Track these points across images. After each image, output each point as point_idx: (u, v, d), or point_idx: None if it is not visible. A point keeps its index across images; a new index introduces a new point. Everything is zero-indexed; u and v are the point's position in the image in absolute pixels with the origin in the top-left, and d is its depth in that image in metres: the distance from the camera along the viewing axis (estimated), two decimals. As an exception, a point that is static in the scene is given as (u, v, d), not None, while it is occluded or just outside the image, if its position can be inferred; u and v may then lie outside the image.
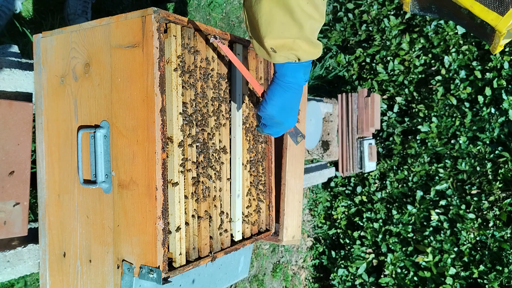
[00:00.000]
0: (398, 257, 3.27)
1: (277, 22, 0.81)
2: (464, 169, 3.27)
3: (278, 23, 0.81)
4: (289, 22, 0.81)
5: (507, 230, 2.99)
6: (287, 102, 0.94)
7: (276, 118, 0.97)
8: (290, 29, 0.82)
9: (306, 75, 0.93)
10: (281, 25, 0.82)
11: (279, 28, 0.82)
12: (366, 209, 3.59)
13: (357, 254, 3.47)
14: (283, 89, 0.93)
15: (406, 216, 3.34)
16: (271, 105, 0.94)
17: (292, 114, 0.98)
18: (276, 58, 0.87)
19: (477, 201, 3.16)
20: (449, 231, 3.19)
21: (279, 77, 0.92)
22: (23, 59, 1.28)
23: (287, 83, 0.92)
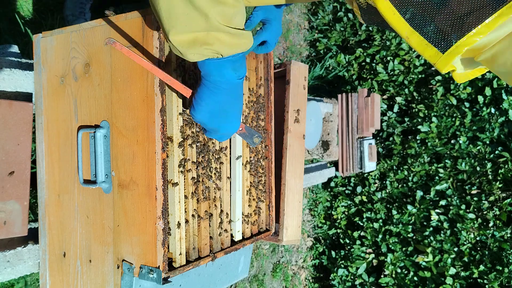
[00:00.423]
0: (398, 257, 3.27)
1: (178, 14, 0.69)
2: (464, 169, 3.27)
3: (180, 15, 0.69)
4: (192, 12, 0.68)
5: (507, 230, 2.99)
6: (217, 106, 0.81)
7: (208, 125, 0.84)
8: (195, 21, 0.69)
9: (240, 71, 0.79)
10: (183, 17, 0.69)
11: (182, 21, 0.69)
12: (366, 209, 3.59)
13: (357, 254, 3.47)
14: (211, 90, 0.79)
15: (406, 216, 3.34)
16: (199, 110, 0.81)
17: (228, 119, 0.84)
18: (189, 56, 0.74)
19: (477, 201, 3.16)
20: (449, 231, 3.19)
21: (204, 77, 0.79)
22: (23, 59, 1.28)
23: (214, 83, 0.78)
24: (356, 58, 3.73)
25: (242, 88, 0.84)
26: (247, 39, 0.75)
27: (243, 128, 0.95)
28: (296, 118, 1.59)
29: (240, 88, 0.83)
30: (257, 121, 1.29)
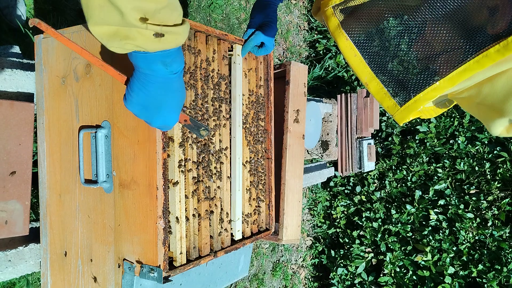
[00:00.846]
0: (397, 256, 3.28)
1: (94, 5, 0.63)
2: (462, 169, 3.28)
3: (95, 6, 0.63)
4: (107, 6, 0.63)
5: (505, 229, 3.00)
6: (149, 98, 0.76)
7: (139, 116, 0.80)
8: (110, 15, 0.64)
9: (172, 65, 0.74)
10: (99, 9, 0.63)
11: (98, 13, 0.64)
12: (365, 209, 3.60)
13: (356, 253, 3.48)
14: (141, 83, 0.75)
15: (405, 215, 3.35)
16: (130, 101, 0.78)
17: (161, 112, 0.79)
18: (111, 48, 0.70)
19: (475, 200, 3.17)
20: (448, 230, 3.20)
21: (135, 69, 0.75)
22: (24, 60, 1.29)
23: (144, 76, 0.74)
24: (356, 58, 3.73)
25: (182, 81, 0.79)
26: (177, 35, 0.69)
27: (187, 120, 0.93)
28: (295, 118, 1.60)
29: (177, 82, 0.78)
30: (257, 121, 1.29)
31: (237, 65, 1.18)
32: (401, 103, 0.63)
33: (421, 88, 0.60)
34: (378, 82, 0.65)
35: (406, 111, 0.62)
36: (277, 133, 1.43)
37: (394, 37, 0.62)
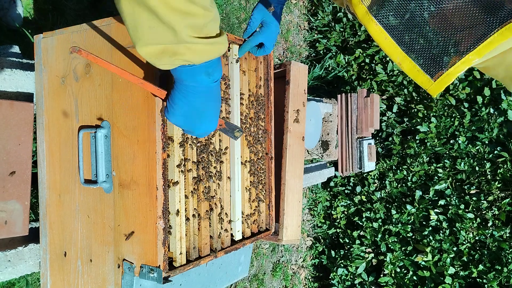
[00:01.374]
0: (397, 257, 3.28)
1: (144, 27, 0.66)
2: (463, 169, 3.28)
3: (145, 28, 0.66)
4: (159, 26, 0.65)
5: (506, 229, 3.00)
6: (191, 109, 0.80)
7: (182, 127, 0.84)
8: (162, 34, 0.66)
9: (214, 74, 0.77)
10: (149, 30, 0.66)
11: (148, 34, 0.66)
12: (365, 209, 3.60)
13: (356, 253, 3.48)
14: (184, 95, 0.78)
15: (405, 215, 3.35)
16: (173, 114, 0.81)
17: (202, 120, 0.82)
18: (160, 66, 0.72)
19: (476, 200, 3.17)
20: (448, 230, 3.20)
21: (177, 82, 0.78)
22: (24, 60, 1.29)
23: (187, 88, 0.76)
24: (356, 58, 3.74)
25: (219, 89, 0.83)
26: (221, 44, 0.73)
27: (222, 124, 0.95)
28: (296, 118, 1.59)
29: (216, 90, 0.81)
30: (257, 121, 1.29)
31: (234, 65, 1.18)
32: (435, 78, 0.66)
33: (451, 64, 0.64)
34: (410, 60, 0.68)
35: (440, 84, 0.67)
36: (277, 133, 1.42)
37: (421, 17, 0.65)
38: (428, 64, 0.67)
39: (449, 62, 0.65)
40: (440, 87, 0.66)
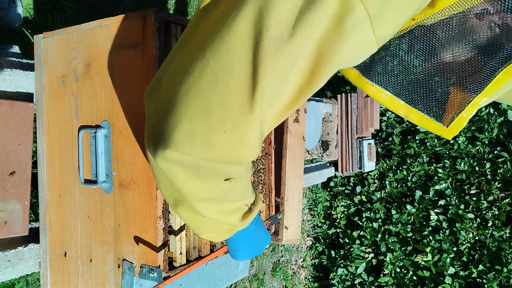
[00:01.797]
0: (397, 257, 3.28)
1: (204, 226, 0.72)
2: (463, 169, 3.28)
3: (207, 225, 0.72)
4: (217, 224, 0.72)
5: (506, 229, 3.00)
6: (253, 245, 0.86)
7: (252, 257, 0.92)
8: (221, 227, 0.73)
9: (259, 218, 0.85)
10: (210, 225, 0.72)
11: (209, 227, 0.73)
12: (365, 209, 3.60)
13: (356, 253, 3.48)
14: (241, 242, 0.84)
15: (405, 215, 3.35)
16: (242, 256, 0.88)
17: (264, 243, 0.90)
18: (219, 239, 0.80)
19: (476, 201, 3.17)
20: (448, 230, 3.20)
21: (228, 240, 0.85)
22: (24, 60, 1.29)
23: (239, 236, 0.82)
24: (356, 58, 3.74)
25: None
26: (258, 203, 0.77)
27: (268, 223, 1.10)
28: (296, 118, 1.59)
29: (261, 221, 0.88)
30: (257, 121, 1.29)
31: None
32: (447, 124, 0.66)
33: (460, 108, 0.64)
34: (416, 111, 0.67)
35: (453, 129, 0.66)
36: (277, 133, 1.42)
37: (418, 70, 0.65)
38: (436, 112, 0.66)
39: (459, 109, 0.64)
40: (455, 132, 0.66)
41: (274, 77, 0.51)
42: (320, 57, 0.51)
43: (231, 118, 0.53)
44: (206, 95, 0.53)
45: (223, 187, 0.63)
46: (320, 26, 0.49)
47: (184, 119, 0.54)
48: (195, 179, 0.60)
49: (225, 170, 0.59)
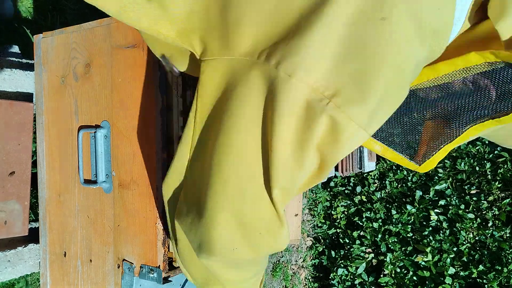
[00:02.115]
0: (397, 257, 3.28)
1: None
2: (463, 169, 3.28)
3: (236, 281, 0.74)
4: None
5: (506, 230, 3.00)
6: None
7: None
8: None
9: None
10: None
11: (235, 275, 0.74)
12: (365, 209, 3.60)
13: (356, 253, 3.48)
14: None
15: (405, 215, 3.35)
16: None
17: None
18: None
19: (476, 201, 3.17)
20: (448, 230, 3.20)
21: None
22: (23, 59, 1.29)
23: None
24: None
25: None
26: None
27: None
28: (295, 118, 1.59)
29: None
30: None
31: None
32: (419, 163, 0.74)
33: (432, 153, 0.72)
34: (392, 151, 0.75)
35: (426, 167, 0.74)
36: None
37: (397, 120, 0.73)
38: (410, 154, 0.74)
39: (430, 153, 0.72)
40: (427, 169, 0.73)
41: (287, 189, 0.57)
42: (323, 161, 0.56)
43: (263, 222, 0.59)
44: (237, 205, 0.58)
45: (254, 269, 0.70)
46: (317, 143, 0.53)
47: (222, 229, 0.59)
48: (233, 269, 0.67)
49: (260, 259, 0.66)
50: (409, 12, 0.49)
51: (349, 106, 0.50)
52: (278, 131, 0.52)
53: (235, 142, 0.56)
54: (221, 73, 0.56)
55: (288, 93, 0.50)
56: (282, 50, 0.50)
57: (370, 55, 0.49)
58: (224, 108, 0.56)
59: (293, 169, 0.54)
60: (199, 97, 0.60)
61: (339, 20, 0.48)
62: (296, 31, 0.50)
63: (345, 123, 0.50)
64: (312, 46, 0.48)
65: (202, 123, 0.61)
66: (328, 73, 0.49)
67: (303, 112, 0.50)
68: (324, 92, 0.49)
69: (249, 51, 0.53)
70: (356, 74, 0.49)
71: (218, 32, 0.55)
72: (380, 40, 0.49)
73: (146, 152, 0.92)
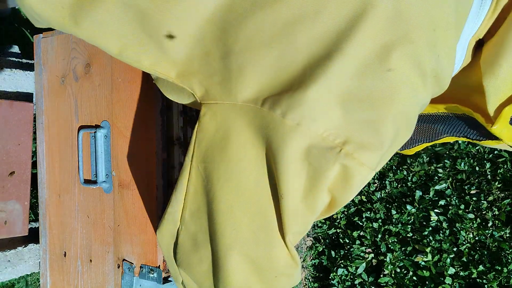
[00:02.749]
0: (397, 257, 3.28)
1: None
2: (463, 169, 3.28)
3: None
4: None
5: (506, 230, 3.00)
6: None
7: None
8: None
9: None
10: None
11: None
12: (365, 209, 3.60)
13: (356, 253, 3.48)
14: None
15: (405, 216, 3.35)
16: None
17: None
18: None
19: (476, 201, 3.17)
20: (448, 230, 3.20)
21: None
22: (23, 59, 1.29)
23: None
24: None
25: None
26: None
27: None
28: (295, 118, 1.59)
29: None
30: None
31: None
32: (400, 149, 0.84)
33: (410, 146, 0.83)
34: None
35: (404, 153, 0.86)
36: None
37: None
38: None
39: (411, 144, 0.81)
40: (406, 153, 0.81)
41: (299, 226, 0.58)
42: (333, 201, 0.57)
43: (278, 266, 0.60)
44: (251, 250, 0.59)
45: None
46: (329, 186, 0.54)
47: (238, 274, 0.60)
48: None
49: None
50: (413, 61, 0.50)
51: (361, 152, 0.51)
52: (288, 179, 0.52)
53: (245, 187, 0.56)
54: (223, 118, 0.56)
55: (297, 141, 0.50)
56: (288, 100, 0.50)
57: (379, 104, 0.50)
58: (228, 153, 0.56)
59: (305, 215, 0.55)
60: (196, 141, 0.60)
61: (346, 73, 0.49)
62: (303, 82, 0.50)
63: (357, 168, 0.51)
64: (319, 98, 0.49)
65: (200, 168, 0.60)
66: (337, 122, 0.50)
67: (312, 159, 0.51)
68: (334, 140, 0.50)
69: (252, 98, 0.53)
70: (366, 122, 0.50)
71: (219, 77, 0.55)
72: (387, 90, 0.50)
73: (146, 152, 0.92)
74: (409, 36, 0.49)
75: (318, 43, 0.49)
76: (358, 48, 0.48)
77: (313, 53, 0.49)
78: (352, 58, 0.48)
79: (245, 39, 0.51)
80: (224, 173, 0.57)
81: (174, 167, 0.98)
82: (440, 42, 0.52)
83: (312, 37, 0.49)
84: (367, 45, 0.48)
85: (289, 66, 0.50)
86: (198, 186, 0.61)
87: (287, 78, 0.51)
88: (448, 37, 0.53)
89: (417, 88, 0.52)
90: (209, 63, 0.55)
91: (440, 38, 0.52)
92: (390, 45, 0.49)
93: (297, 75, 0.50)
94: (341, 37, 0.48)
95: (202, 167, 0.60)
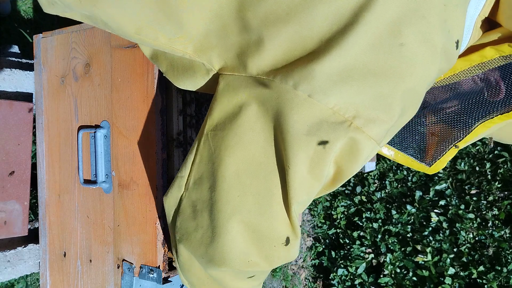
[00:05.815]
0: (397, 257, 3.28)
1: None
2: (463, 169, 3.28)
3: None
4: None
5: (506, 230, 3.00)
6: None
7: None
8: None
9: None
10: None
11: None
12: (365, 209, 3.60)
13: (356, 254, 3.48)
14: None
15: (405, 216, 3.35)
16: None
17: None
18: None
19: (476, 201, 3.17)
20: (448, 231, 3.20)
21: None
22: (23, 59, 1.29)
23: None
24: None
25: None
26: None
27: None
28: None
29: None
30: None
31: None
32: (429, 164, 0.78)
33: (441, 154, 0.76)
34: (403, 154, 0.79)
35: (436, 168, 0.78)
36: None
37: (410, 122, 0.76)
38: (420, 156, 0.78)
39: (440, 154, 0.77)
40: (437, 169, 0.77)
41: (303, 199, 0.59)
42: (339, 173, 0.57)
43: (279, 236, 0.61)
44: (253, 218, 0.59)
45: (262, 277, 0.71)
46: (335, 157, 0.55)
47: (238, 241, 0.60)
48: (243, 280, 0.67)
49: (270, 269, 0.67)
50: (423, 36, 0.51)
51: (370, 126, 0.52)
52: (295, 150, 0.53)
53: (253, 156, 0.57)
54: (236, 89, 0.57)
55: (306, 112, 0.51)
56: (301, 72, 0.51)
57: (390, 79, 0.51)
58: (238, 123, 0.57)
59: (311, 185, 0.55)
60: (211, 110, 0.61)
61: (359, 47, 0.49)
62: (316, 56, 0.50)
63: (365, 142, 0.52)
64: (332, 72, 0.49)
65: (209, 136, 0.61)
66: (347, 96, 0.50)
67: (321, 132, 0.51)
68: (344, 114, 0.51)
69: (267, 71, 0.54)
70: (376, 97, 0.51)
71: (236, 50, 0.56)
72: (399, 65, 0.50)
73: (146, 152, 0.92)
74: (421, 11, 0.49)
75: (335, 16, 0.49)
76: (373, 22, 0.48)
77: (329, 26, 0.50)
78: (366, 32, 0.49)
79: (263, 14, 0.51)
80: (233, 141, 0.57)
81: (174, 167, 0.98)
82: (451, 17, 0.53)
83: (330, 11, 0.49)
84: (381, 20, 0.49)
85: (305, 40, 0.51)
86: (203, 154, 0.62)
87: (301, 52, 0.52)
88: (458, 13, 0.54)
89: (427, 62, 0.52)
90: (227, 37, 0.56)
91: (450, 14, 0.52)
92: (402, 19, 0.49)
93: (311, 48, 0.51)
94: (357, 10, 0.48)
95: (211, 134, 0.61)
